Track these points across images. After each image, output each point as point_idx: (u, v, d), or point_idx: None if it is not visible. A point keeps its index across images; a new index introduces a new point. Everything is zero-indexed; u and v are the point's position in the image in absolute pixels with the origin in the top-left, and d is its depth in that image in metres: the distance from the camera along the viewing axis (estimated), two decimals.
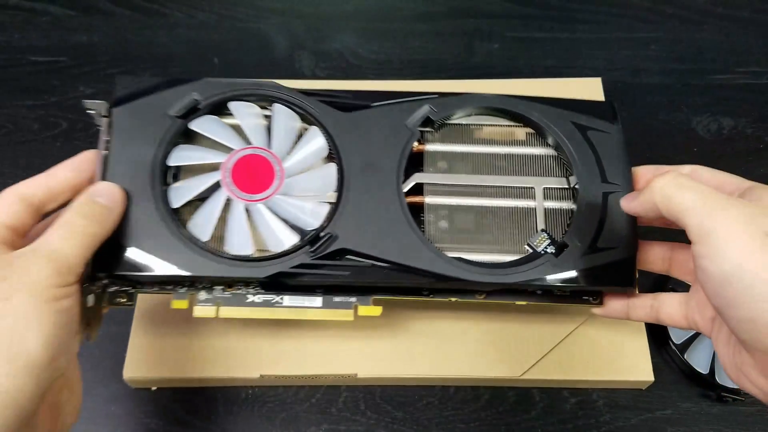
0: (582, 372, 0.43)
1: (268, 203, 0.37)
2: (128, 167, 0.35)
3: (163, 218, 0.35)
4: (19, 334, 0.27)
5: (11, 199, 0.33)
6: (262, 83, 0.39)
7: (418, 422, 0.44)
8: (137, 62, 0.60)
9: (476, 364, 0.43)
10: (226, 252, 0.35)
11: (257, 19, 0.63)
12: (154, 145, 0.36)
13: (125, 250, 0.34)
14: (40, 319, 0.28)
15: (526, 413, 0.44)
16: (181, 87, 0.38)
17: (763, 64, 0.60)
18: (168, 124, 0.37)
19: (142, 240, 0.34)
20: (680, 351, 0.45)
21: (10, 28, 0.62)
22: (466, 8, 0.64)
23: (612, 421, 0.44)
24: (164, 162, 0.36)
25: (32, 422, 0.29)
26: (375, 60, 0.61)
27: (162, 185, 0.35)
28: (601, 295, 0.39)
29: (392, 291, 0.38)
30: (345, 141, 0.38)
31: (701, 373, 0.44)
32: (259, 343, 0.44)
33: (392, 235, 0.36)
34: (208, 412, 0.44)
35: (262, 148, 0.38)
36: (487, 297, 0.39)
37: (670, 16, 0.64)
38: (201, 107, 0.38)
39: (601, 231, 0.37)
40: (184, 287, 0.37)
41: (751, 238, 0.27)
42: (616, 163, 0.39)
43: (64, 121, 0.56)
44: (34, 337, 0.27)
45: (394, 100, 0.39)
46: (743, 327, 0.28)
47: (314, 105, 0.39)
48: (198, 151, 0.37)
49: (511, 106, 0.40)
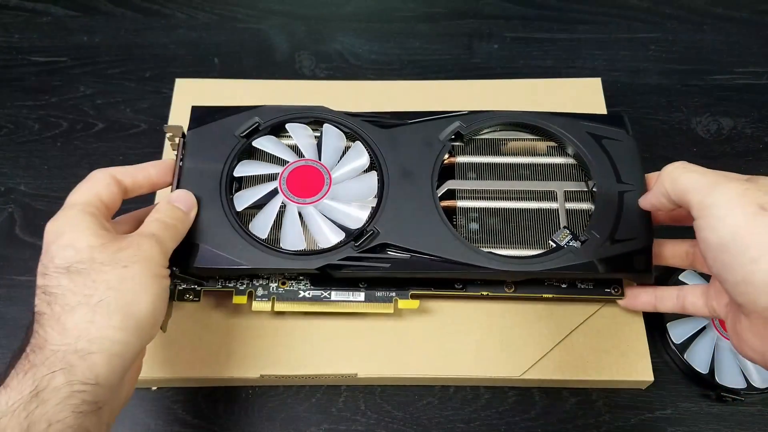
0: (582, 372, 0.43)
1: (317, 206, 0.42)
2: (199, 178, 0.42)
3: (230, 220, 0.40)
4: (136, 296, 0.32)
5: (108, 180, 0.37)
6: (312, 108, 0.45)
7: (418, 422, 0.44)
8: (138, 63, 0.60)
9: (476, 364, 0.43)
10: (282, 248, 0.40)
11: (258, 19, 0.63)
12: (222, 160, 0.42)
13: (198, 248, 0.40)
14: (150, 288, 0.33)
15: (525, 413, 0.44)
16: (244, 113, 0.44)
17: (763, 64, 0.60)
18: (234, 143, 0.43)
19: (212, 239, 0.40)
20: (680, 351, 0.45)
21: (11, 29, 0.62)
22: (465, 9, 0.64)
23: (612, 421, 0.44)
24: (231, 173, 0.42)
25: (122, 380, 0.33)
26: (375, 60, 0.61)
27: (228, 193, 0.41)
28: (621, 287, 0.43)
29: (428, 284, 0.43)
30: (385, 153, 0.43)
31: (701, 372, 0.44)
32: (259, 343, 0.44)
33: (428, 231, 0.41)
34: (208, 412, 0.44)
35: (313, 160, 0.43)
36: (515, 290, 0.43)
37: (670, 17, 0.64)
38: (261, 128, 0.44)
39: (618, 225, 0.41)
40: (243, 283, 0.43)
41: (744, 209, 0.30)
42: (629, 165, 0.43)
43: (64, 122, 0.56)
44: (144, 301, 0.33)
45: (427, 117, 0.44)
46: (739, 290, 0.30)
47: (358, 124, 0.45)
48: (259, 165, 0.44)
49: (533, 120, 0.45)
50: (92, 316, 0.31)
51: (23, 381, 0.29)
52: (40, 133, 0.56)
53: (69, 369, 0.30)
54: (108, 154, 0.55)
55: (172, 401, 0.45)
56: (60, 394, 0.29)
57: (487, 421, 0.44)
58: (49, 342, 0.31)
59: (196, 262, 0.40)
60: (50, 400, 0.29)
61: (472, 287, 0.43)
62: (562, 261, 0.40)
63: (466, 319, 0.45)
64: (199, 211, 0.40)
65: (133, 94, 0.58)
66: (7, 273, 0.49)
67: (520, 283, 0.43)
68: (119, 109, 0.57)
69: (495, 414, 0.44)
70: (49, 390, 0.29)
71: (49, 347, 0.30)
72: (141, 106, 0.57)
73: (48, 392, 0.29)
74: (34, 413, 0.28)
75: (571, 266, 0.40)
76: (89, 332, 0.31)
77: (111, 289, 0.32)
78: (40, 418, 0.28)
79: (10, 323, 0.47)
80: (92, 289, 0.32)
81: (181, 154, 0.43)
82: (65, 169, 0.54)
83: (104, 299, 0.32)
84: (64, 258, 0.32)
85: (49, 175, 0.54)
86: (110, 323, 0.31)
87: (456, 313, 0.45)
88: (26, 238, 0.51)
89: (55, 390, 0.29)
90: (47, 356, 0.30)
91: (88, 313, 0.31)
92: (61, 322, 0.31)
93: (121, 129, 0.56)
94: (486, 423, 0.44)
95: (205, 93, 0.55)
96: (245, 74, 0.59)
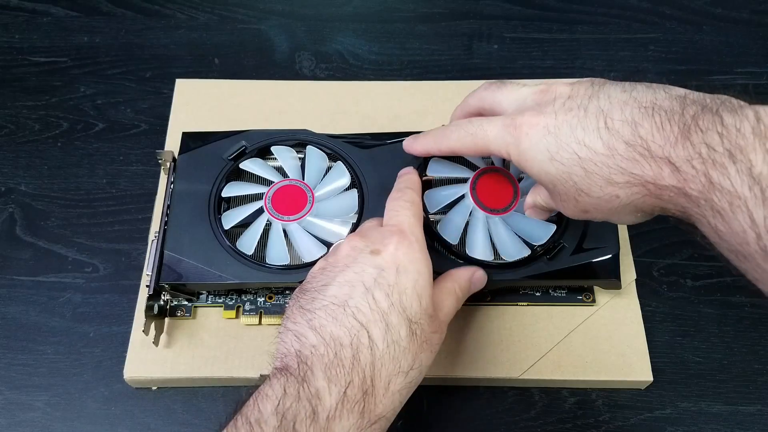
0: (581, 372, 0.44)
1: (301, 223, 0.43)
2: (189, 199, 0.44)
3: (218, 238, 0.42)
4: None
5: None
6: (296, 131, 0.47)
7: (418, 422, 0.44)
8: (138, 63, 0.60)
9: (476, 364, 0.43)
10: (268, 263, 0.42)
11: (258, 20, 0.63)
12: (211, 182, 0.45)
13: (188, 264, 0.42)
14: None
15: (525, 413, 0.44)
16: (232, 137, 0.46)
17: (762, 64, 0.60)
18: (222, 165, 0.45)
19: (201, 255, 0.42)
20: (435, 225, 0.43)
21: (12, 29, 0.62)
22: (465, 9, 0.64)
23: (611, 421, 0.44)
24: (219, 194, 0.44)
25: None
26: (375, 61, 0.61)
27: (216, 213, 0.44)
28: (593, 294, 0.45)
29: None
30: (365, 172, 0.45)
31: (450, 243, 0.42)
32: (259, 343, 0.44)
33: None
34: (208, 412, 0.44)
35: (297, 180, 0.45)
36: (492, 299, 0.45)
37: (670, 17, 0.64)
38: (248, 151, 0.46)
39: (587, 234, 0.43)
40: (232, 299, 0.45)
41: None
42: None
43: (64, 122, 0.56)
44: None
45: (404, 138, 0.43)
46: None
47: (340, 145, 0.46)
48: (246, 185, 0.45)
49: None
50: None
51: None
52: (41, 134, 0.56)
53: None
54: (108, 155, 0.55)
55: (172, 401, 0.45)
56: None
57: (486, 421, 0.44)
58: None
59: (185, 278, 0.41)
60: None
61: None
62: (533, 270, 0.42)
63: (465, 319, 0.45)
64: (189, 229, 0.43)
65: (134, 95, 0.58)
66: (7, 273, 0.49)
67: (495, 292, 0.45)
68: (119, 109, 0.57)
69: (494, 414, 0.44)
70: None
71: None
72: (141, 107, 0.57)
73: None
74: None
75: (541, 274, 0.42)
76: None
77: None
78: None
79: (10, 323, 0.47)
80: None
81: (173, 177, 0.45)
82: (65, 169, 0.54)
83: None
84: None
85: (49, 175, 0.54)
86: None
87: (456, 313, 0.45)
88: (26, 238, 0.51)
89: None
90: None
91: None
92: None
93: (122, 129, 0.56)
94: (485, 423, 0.44)
95: (205, 93, 0.55)
96: (245, 74, 0.59)
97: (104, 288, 0.48)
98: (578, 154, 0.31)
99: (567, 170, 0.31)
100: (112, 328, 0.47)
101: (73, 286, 0.49)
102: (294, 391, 0.29)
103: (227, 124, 0.49)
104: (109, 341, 0.46)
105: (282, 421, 0.28)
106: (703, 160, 0.27)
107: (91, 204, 0.52)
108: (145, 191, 0.52)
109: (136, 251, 0.50)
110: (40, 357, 0.46)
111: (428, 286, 0.34)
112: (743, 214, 0.26)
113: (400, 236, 0.35)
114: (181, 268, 0.42)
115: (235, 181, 0.46)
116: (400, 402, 0.32)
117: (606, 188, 0.31)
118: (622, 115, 0.30)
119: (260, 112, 0.54)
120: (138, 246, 0.50)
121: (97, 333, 0.47)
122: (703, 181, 0.27)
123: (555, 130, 0.32)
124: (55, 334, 0.47)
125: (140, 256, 0.49)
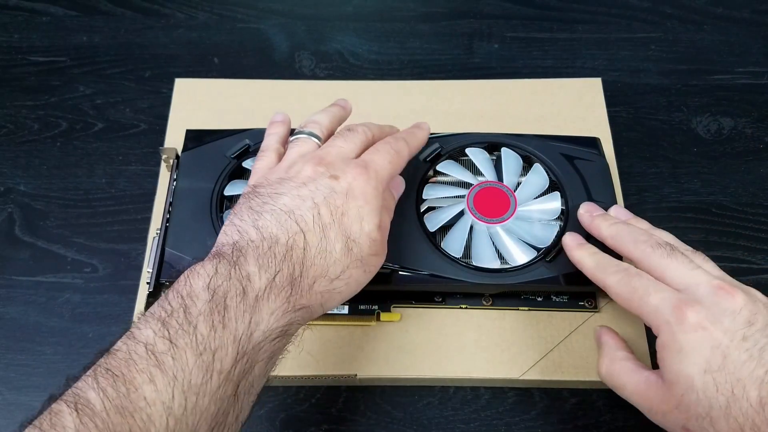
0: (582, 372, 0.43)
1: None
2: (192, 197, 0.44)
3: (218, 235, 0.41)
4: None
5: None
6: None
7: (418, 423, 0.44)
8: (138, 63, 0.60)
9: (476, 364, 0.43)
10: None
11: (257, 19, 0.63)
12: (214, 180, 0.45)
13: (187, 261, 0.41)
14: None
15: (525, 413, 0.44)
16: (235, 135, 0.47)
17: (763, 64, 0.60)
18: (225, 164, 0.46)
19: (202, 253, 0.40)
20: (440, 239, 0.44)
21: (11, 29, 0.62)
22: (465, 9, 0.64)
23: (612, 421, 0.44)
24: (221, 192, 0.45)
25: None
26: (375, 60, 0.61)
27: (218, 211, 0.44)
28: (594, 300, 0.45)
29: (408, 297, 0.45)
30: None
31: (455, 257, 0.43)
32: None
33: (409, 247, 0.43)
34: None
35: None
36: (493, 303, 0.45)
37: (670, 17, 0.64)
38: (251, 150, 0.46)
39: (588, 240, 0.42)
40: None
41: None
42: (601, 184, 0.46)
43: (64, 122, 0.56)
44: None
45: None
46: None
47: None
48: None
49: (506, 140, 0.48)
50: None
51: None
52: (40, 133, 0.56)
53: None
54: (108, 154, 0.54)
55: None
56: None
57: (487, 421, 0.44)
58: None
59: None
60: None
61: (452, 300, 0.45)
62: (534, 275, 0.42)
63: (465, 320, 0.45)
64: (191, 226, 0.43)
65: (133, 94, 0.58)
66: (6, 273, 0.49)
67: (497, 296, 0.45)
68: (119, 109, 0.57)
69: (495, 414, 0.44)
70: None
71: None
72: (141, 106, 0.57)
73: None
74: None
75: (543, 279, 0.42)
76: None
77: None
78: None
79: (9, 323, 0.47)
80: None
81: (175, 174, 0.45)
82: (65, 169, 0.54)
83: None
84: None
85: (48, 175, 0.54)
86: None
87: (456, 313, 0.45)
88: (26, 238, 0.51)
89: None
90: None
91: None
92: None
93: (121, 129, 0.56)
94: (486, 423, 0.44)
95: (204, 93, 0.55)
96: (245, 74, 0.59)
97: (103, 288, 0.48)
98: (733, 391, 0.31)
99: (712, 395, 0.31)
100: (111, 328, 0.47)
101: (72, 286, 0.48)
102: (225, 272, 0.30)
103: (227, 124, 0.49)
104: (108, 341, 0.46)
105: (213, 296, 0.29)
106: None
107: (90, 204, 0.52)
108: (145, 191, 0.52)
109: (135, 251, 0.49)
110: (39, 357, 0.46)
111: (373, 213, 0.35)
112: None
113: (361, 170, 0.36)
114: (182, 265, 0.41)
115: (238, 179, 0.46)
116: (320, 304, 0.34)
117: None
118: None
119: (260, 111, 0.54)
120: (137, 246, 0.50)
121: (96, 333, 0.47)
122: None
123: (725, 351, 0.31)
124: (54, 334, 0.47)
125: (139, 256, 0.49)
